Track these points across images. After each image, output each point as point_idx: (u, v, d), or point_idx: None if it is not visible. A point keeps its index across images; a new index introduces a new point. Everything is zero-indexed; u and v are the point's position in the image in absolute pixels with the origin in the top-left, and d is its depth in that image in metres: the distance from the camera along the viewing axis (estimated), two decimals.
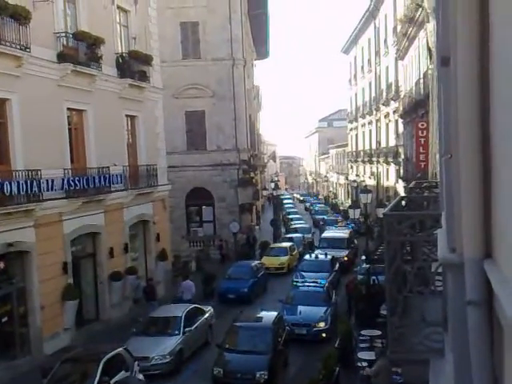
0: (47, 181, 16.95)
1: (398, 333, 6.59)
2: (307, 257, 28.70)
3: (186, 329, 17.27)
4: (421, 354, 6.45)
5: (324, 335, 18.66)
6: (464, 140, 2.93)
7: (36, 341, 17.11)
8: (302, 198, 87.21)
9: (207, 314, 19.34)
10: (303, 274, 25.30)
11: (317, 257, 27.95)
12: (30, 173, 16.28)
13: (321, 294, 20.76)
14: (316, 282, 22.02)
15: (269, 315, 17.53)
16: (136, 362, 14.38)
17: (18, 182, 15.68)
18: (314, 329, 18.78)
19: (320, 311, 19.37)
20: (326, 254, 27.95)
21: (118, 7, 22.89)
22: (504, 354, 2.68)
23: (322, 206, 65.93)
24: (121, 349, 14.20)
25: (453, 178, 3.60)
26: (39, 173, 16.55)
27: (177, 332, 17.10)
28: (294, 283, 23.50)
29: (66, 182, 18.08)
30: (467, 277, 2.97)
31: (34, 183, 16.26)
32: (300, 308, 19.74)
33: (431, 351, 6.18)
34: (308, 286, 21.86)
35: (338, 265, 27.76)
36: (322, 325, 18.86)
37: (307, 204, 72.66)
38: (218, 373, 14.71)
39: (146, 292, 21.79)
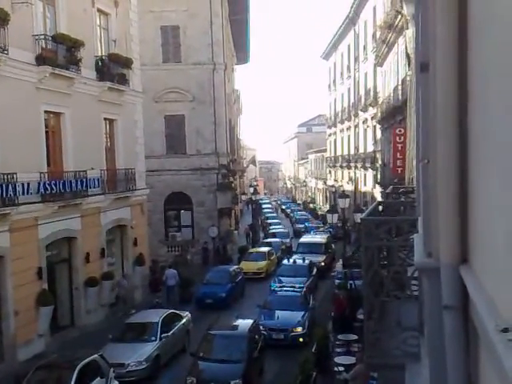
0: (23, 184, 16.68)
1: (374, 337, 6.61)
2: (285, 261, 28.76)
3: (163, 335, 17.10)
4: (397, 359, 6.49)
5: (301, 340, 18.67)
6: (441, 145, 2.95)
7: (9, 347, 16.78)
8: (283, 207, 76.18)
9: (184, 320, 19.20)
10: (281, 278, 25.36)
11: (295, 262, 28.03)
12: (5, 176, 16.01)
13: (298, 298, 20.82)
14: (294, 287, 22.10)
15: (244, 323, 17.32)
16: (111, 369, 14.20)
17: None
18: (292, 333, 18.78)
19: (297, 316, 19.42)
20: (303, 259, 28.09)
21: (99, 10, 22.71)
22: (479, 358, 2.70)
23: (304, 213, 61.11)
24: (96, 355, 14.01)
25: (430, 184, 3.63)
26: (15, 176, 16.29)
27: (153, 338, 16.92)
28: (273, 288, 23.53)
29: (42, 185, 17.80)
30: (443, 281, 2.99)
31: (10, 187, 16.00)
32: (278, 313, 19.78)
33: (407, 355, 6.22)
34: (286, 290, 21.94)
35: (315, 269, 27.88)
36: (299, 329, 18.88)
37: (288, 211, 68.52)
38: (191, 382, 14.41)
39: (152, 284, 24.35)
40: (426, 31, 3.97)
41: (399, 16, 25.25)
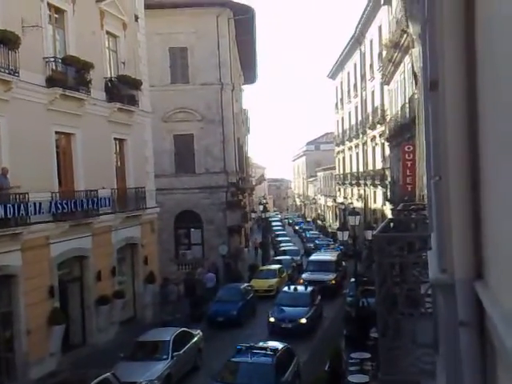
0: (35, 204, 16.80)
1: (389, 355, 6.58)
2: (285, 289, 26.17)
3: (175, 353, 17.05)
4: (412, 376, 6.44)
5: None
6: (453, 162, 2.98)
7: (22, 366, 16.78)
8: (296, 228, 72.63)
9: (196, 338, 19.14)
10: (282, 308, 23.27)
11: (296, 289, 25.57)
12: (17, 196, 16.16)
13: (267, 368, 15.10)
14: (265, 350, 15.99)
15: None
16: None
17: (6, 205, 15.54)
18: None
19: None
20: (306, 286, 25.86)
21: (107, 32, 23.04)
22: (496, 375, 2.70)
23: (316, 233, 60.68)
24: (108, 374, 13.97)
25: (442, 200, 3.65)
26: (27, 196, 16.44)
27: (165, 356, 16.87)
28: (238, 348, 16.34)
29: (53, 205, 17.94)
30: (458, 297, 2.99)
31: (22, 206, 16.13)
32: None
33: (422, 373, 6.18)
34: (253, 353, 15.67)
35: (319, 297, 25.42)
36: None
37: (300, 231, 66.83)
38: None
39: (188, 288, 27.86)
40: (434, 49, 4.03)
41: (405, 35, 25.33)
